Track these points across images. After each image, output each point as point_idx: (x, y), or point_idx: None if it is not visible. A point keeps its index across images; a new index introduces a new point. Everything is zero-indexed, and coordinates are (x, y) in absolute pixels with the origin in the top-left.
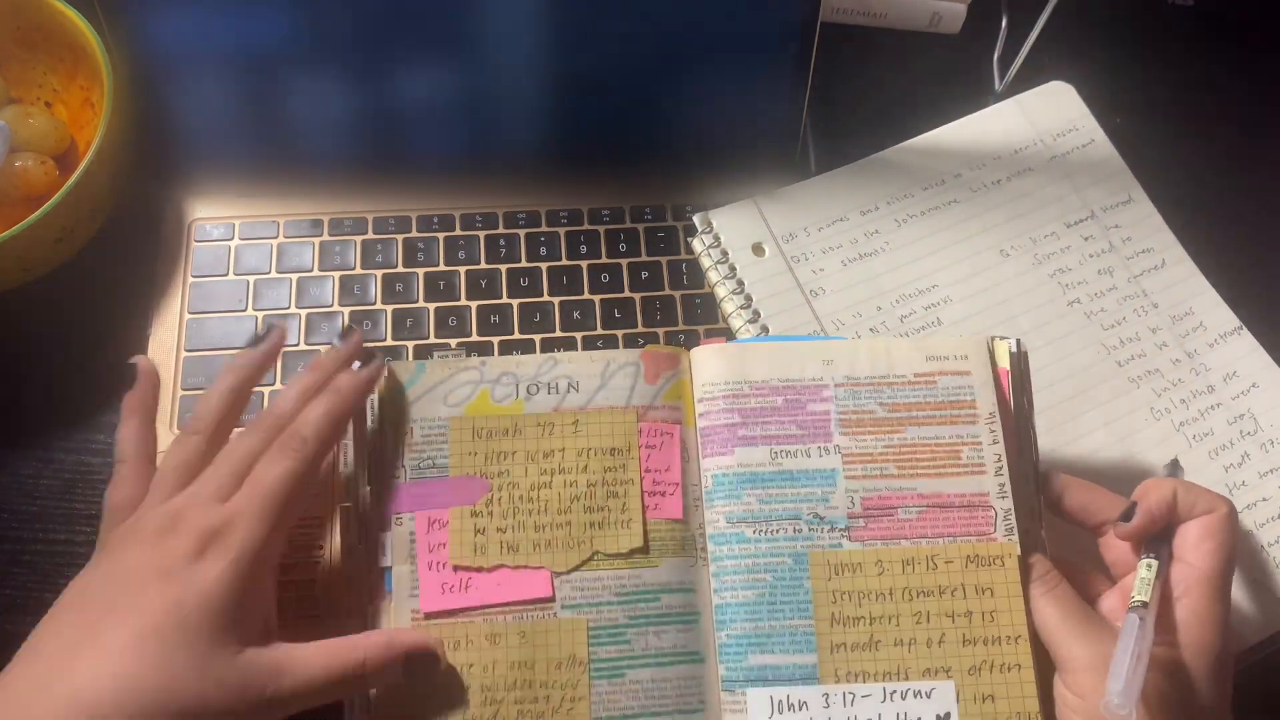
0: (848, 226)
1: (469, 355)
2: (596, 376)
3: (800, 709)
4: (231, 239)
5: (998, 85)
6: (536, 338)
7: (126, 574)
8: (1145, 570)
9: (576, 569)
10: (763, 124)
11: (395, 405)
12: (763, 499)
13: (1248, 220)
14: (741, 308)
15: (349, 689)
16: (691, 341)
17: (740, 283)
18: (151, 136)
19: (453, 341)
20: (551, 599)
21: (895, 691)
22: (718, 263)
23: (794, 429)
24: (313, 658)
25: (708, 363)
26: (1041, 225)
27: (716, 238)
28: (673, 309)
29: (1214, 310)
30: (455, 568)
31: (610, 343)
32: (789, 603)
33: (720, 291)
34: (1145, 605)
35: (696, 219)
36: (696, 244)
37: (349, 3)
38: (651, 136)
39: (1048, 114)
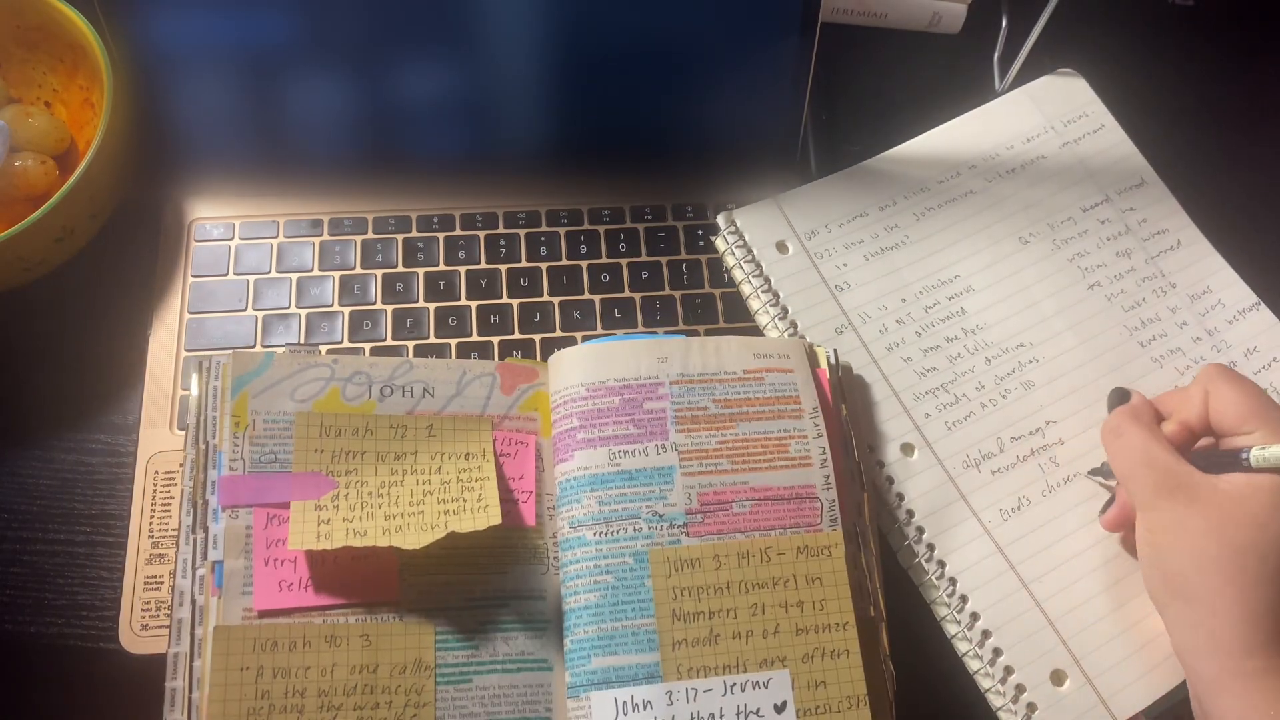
0: (868, 221)
1: (324, 354)
2: (452, 384)
3: (644, 709)
4: (231, 239)
5: (998, 85)
6: (536, 338)
7: None
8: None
9: (428, 579)
10: (763, 124)
11: (237, 394)
12: (602, 500)
13: (1257, 203)
14: (769, 305)
15: None
16: None
17: (766, 280)
18: (151, 136)
19: (323, 347)
20: (397, 601)
21: (735, 684)
22: (743, 261)
23: (631, 428)
24: None
25: (554, 371)
26: (1058, 211)
27: (740, 237)
28: (673, 308)
29: (1231, 287)
30: (298, 559)
31: None
32: (630, 602)
33: (745, 289)
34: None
35: (720, 219)
36: (719, 243)
37: (349, 2)
38: (651, 136)
39: (1057, 101)
